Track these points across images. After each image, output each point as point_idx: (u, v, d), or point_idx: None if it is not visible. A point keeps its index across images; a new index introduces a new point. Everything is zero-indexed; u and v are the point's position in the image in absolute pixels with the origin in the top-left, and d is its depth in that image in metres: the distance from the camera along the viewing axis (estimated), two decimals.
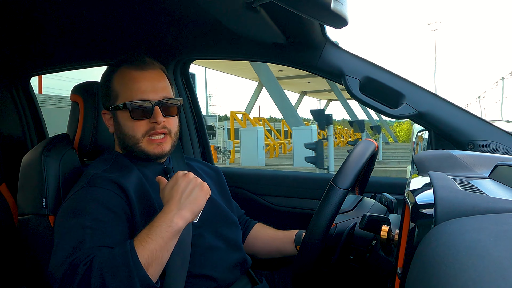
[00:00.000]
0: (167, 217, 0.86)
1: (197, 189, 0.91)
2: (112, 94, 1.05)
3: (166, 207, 0.88)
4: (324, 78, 1.38)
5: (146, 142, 1.03)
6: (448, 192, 0.49)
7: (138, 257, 0.80)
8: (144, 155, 1.04)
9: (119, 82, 1.04)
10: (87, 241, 0.84)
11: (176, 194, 0.89)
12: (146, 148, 1.03)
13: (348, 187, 0.87)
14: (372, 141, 1.00)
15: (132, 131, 1.02)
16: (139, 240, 0.83)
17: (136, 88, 1.02)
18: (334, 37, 1.38)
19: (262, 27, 1.19)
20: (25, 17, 1.34)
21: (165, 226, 0.84)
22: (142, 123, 1.02)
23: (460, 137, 1.19)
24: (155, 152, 1.04)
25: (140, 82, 1.02)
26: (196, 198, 0.90)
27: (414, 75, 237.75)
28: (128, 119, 1.02)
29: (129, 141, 1.04)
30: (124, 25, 1.46)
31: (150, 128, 1.02)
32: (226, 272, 1.07)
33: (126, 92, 1.02)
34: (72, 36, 1.54)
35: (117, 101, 1.04)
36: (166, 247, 0.84)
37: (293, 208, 1.59)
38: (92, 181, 0.96)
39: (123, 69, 1.05)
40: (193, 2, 1.18)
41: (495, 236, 0.34)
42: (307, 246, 0.88)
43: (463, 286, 0.27)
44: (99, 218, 0.89)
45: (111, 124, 1.08)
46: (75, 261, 0.81)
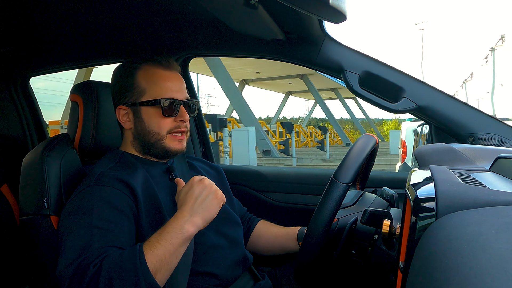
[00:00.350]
0: (179, 223, 0.86)
1: (211, 196, 0.91)
2: (137, 90, 1.05)
3: (179, 212, 0.89)
4: (324, 73, 1.37)
5: (169, 139, 1.05)
6: (449, 185, 0.49)
7: (146, 262, 0.79)
8: (165, 152, 1.06)
9: (146, 78, 1.06)
10: (96, 241, 0.84)
11: (190, 199, 0.89)
12: (169, 145, 1.05)
13: (349, 181, 0.88)
14: (373, 136, 1.00)
15: (158, 128, 1.04)
16: (149, 245, 0.83)
17: (167, 86, 1.05)
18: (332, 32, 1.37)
19: (261, 23, 1.19)
20: (24, 17, 1.33)
21: (175, 232, 0.84)
22: (169, 120, 1.05)
23: (460, 130, 1.19)
24: (176, 148, 1.06)
25: (169, 81, 1.06)
26: (210, 205, 0.90)
27: (401, 66, 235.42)
28: (157, 116, 1.04)
29: (151, 137, 1.05)
30: (123, 24, 1.46)
31: (175, 126, 1.05)
32: (228, 269, 1.07)
33: (155, 89, 1.04)
34: (71, 36, 1.54)
35: (144, 97, 1.04)
36: (175, 253, 0.84)
37: (295, 204, 1.59)
38: (99, 180, 0.96)
39: (148, 66, 1.07)
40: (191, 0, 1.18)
41: (497, 228, 0.34)
42: (309, 241, 0.88)
43: (465, 279, 0.27)
44: (107, 217, 0.89)
45: (128, 120, 1.08)
46: (84, 261, 0.81)
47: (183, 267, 0.96)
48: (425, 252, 0.39)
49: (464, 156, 0.78)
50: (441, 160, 0.78)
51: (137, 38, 1.57)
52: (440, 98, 1.21)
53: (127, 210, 0.93)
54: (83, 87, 1.20)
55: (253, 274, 1.17)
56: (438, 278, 0.31)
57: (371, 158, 1.15)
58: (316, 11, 0.89)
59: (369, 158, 1.13)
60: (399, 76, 1.24)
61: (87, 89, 1.19)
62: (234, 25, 1.27)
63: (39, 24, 1.41)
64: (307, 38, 1.30)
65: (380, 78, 1.24)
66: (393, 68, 1.25)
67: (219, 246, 1.08)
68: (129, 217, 0.93)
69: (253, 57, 1.50)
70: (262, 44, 1.39)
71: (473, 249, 0.31)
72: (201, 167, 1.27)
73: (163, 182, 1.07)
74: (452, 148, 0.81)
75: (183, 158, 1.22)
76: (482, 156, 0.78)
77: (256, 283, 1.15)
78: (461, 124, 1.19)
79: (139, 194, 0.97)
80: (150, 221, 0.96)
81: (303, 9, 0.88)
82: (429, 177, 0.58)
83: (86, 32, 1.50)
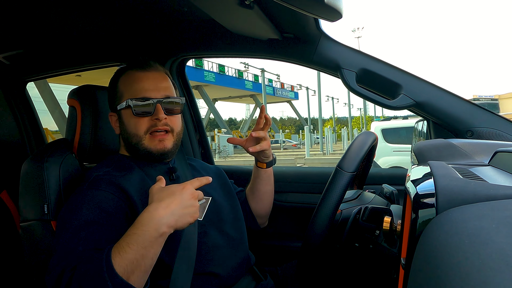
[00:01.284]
0: (154, 223, 0.80)
1: (191, 211, 0.85)
2: (118, 95, 1.08)
3: (154, 209, 0.81)
4: (321, 72, 1.37)
5: (148, 139, 1.05)
6: (448, 180, 0.49)
7: (113, 267, 0.76)
8: (147, 153, 1.05)
9: (124, 83, 1.08)
10: (80, 244, 0.84)
11: (176, 200, 0.83)
12: (149, 145, 1.05)
13: (353, 170, 0.89)
14: (372, 132, 1.00)
15: (135, 129, 1.05)
16: (118, 249, 0.78)
17: (140, 87, 1.05)
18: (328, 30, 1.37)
19: (256, 23, 1.19)
20: (20, 23, 1.33)
21: (148, 236, 0.79)
22: (144, 120, 1.04)
23: (458, 125, 1.19)
24: (157, 148, 1.05)
25: (143, 81, 1.06)
26: (186, 216, 0.84)
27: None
28: (131, 116, 1.04)
29: (132, 139, 1.06)
30: (118, 27, 1.46)
31: (151, 125, 1.04)
32: (231, 270, 1.07)
33: (129, 91, 1.05)
34: (68, 40, 1.54)
35: (121, 101, 1.06)
36: (149, 255, 0.80)
37: (295, 203, 1.59)
38: (91, 183, 0.97)
39: (129, 71, 1.09)
40: (187, 1, 1.18)
41: (497, 222, 0.34)
42: (314, 228, 0.88)
43: (467, 274, 0.27)
44: (94, 219, 0.89)
45: (116, 125, 1.10)
46: (66, 266, 0.80)
47: (186, 267, 0.96)
48: (426, 248, 0.39)
49: (463, 151, 0.78)
50: (440, 156, 0.78)
51: (133, 41, 1.57)
52: (438, 94, 1.21)
53: (117, 213, 0.93)
54: (80, 91, 1.20)
55: (256, 274, 1.17)
56: (440, 274, 0.31)
57: (370, 156, 1.15)
58: (312, 10, 0.89)
59: (368, 156, 1.13)
60: (396, 73, 1.24)
61: (84, 93, 1.19)
62: (230, 26, 1.27)
63: (35, 29, 1.41)
64: (303, 37, 1.30)
65: (377, 75, 1.24)
66: (390, 65, 1.25)
67: (222, 246, 1.08)
68: (119, 219, 0.92)
69: (250, 57, 1.50)
70: (259, 44, 1.39)
71: (474, 243, 0.31)
72: (202, 167, 1.28)
73: None
74: (450, 143, 0.82)
75: (184, 159, 1.22)
76: (480, 151, 0.78)
77: (258, 283, 1.15)
78: (459, 119, 1.19)
79: (134, 196, 0.97)
80: None
81: (299, 8, 0.88)
82: (428, 173, 0.58)
83: (82, 36, 1.50)
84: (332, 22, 0.97)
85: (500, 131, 1.16)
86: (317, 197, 0.93)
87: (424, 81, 1.23)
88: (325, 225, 0.88)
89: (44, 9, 1.24)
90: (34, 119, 1.83)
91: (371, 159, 1.18)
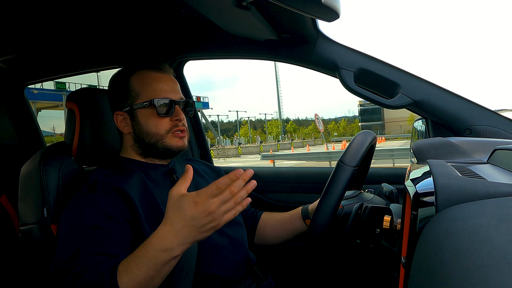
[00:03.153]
0: (166, 245, 0.74)
1: (212, 227, 0.75)
2: (131, 94, 1.07)
3: (169, 231, 0.74)
4: (319, 72, 1.37)
5: (169, 138, 1.06)
6: (448, 179, 0.49)
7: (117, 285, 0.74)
8: (167, 150, 1.07)
9: (139, 82, 1.07)
10: (82, 249, 0.84)
11: (192, 223, 0.73)
12: (170, 143, 1.06)
13: (355, 165, 0.89)
14: (371, 132, 1.00)
15: (156, 128, 1.05)
16: (125, 268, 0.75)
17: (160, 87, 1.06)
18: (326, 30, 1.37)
19: (254, 24, 1.19)
20: (18, 27, 1.33)
21: (160, 258, 0.74)
22: (166, 120, 1.06)
23: (457, 123, 1.19)
24: (178, 145, 1.07)
25: (162, 82, 1.08)
26: (206, 233, 0.75)
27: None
28: (153, 116, 1.05)
29: (151, 138, 1.06)
30: (117, 30, 1.46)
31: (173, 125, 1.06)
32: (232, 271, 1.07)
33: (148, 91, 1.06)
34: (65, 43, 1.54)
35: (138, 100, 1.06)
36: (159, 276, 0.76)
37: (295, 204, 1.59)
38: (92, 187, 0.97)
39: (141, 71, 1.09)
40: (184, 3, 1.18)
41: (497, 220, 0.34)
42: (317, 222, 0.89)
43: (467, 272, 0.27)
44: (97, 225, 0.89)
45: (126, 125, 1.09)
46: (68, 271, 0.80)
47: (187, 270, 0.96)
48: (426, 246, 0.39)
49: (462, 149, 0.78)
50: (438, 154, 0.78)
51: (131, 44, 1.57)
52: (436, 92, 1.22)
53: (119, 217, 0.93)
54: (78, 94, 1.20)
55: (256, 275, 1.17)
56: (440, 272, 0.31)
57: (369, 156, 1.15)
58: (309, 10, 0.89)
59: (367, 156, 1.13)
60: (394, 72, 1.24)
61: (82, 96, 1.19)
62: (227, 27, 1.27)
63: (32, 33, 1.41)
64: (301, 37, 1.30)
65: (375, 74, 1.24)
66: (388, 64, 1.25)
67: (222, 247, 1.08)
68: (121, 224, 0.92)
69: (248, 58, 1.50)
70: (256, 45, 1.39)
71: (474, 241, 0.31)
72: (202, 169, 1.27)
73: (164, 185, 1.07)
74: (449, 141, 0.82)
75: (183, 160, 1.22)
76: (479, 149, 0.78)
77: (259, 284, 1.15)
78: (457, 118, 1.19)
79: (135, 199, 0.97)
80: (151, 223, 0.96)
81: (296, 8, 0.88)
82: (427, 171, 0.58)
83: (80, 39, 1.50)
84: (329, 22, 0.98)
85: (498, 128, 1.16)
86: (316, 196, 0.93)
87: (422, 79, 1.23)
88: (328, 218, 0.88)
89: (41, 12, 1.24)
90: (33, 122, 1.83)
91: (370, 160, 1.18)
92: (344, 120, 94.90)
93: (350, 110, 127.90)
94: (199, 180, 1.19)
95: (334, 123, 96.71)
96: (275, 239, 1.27)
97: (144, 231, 0.94)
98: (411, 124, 17.14)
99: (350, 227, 0.96)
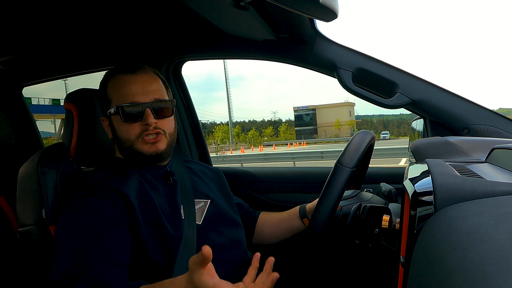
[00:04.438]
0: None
1: None
2: (106, 100, 1.06)
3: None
4: (318, 72, 1.38)
5: (140, 143, 1.03)
6: (446, 178, 0.49)
7: None
8: (141, 156, 1.04)
9: (112, 88, 1.06)
10: (86, 256, 0.84)
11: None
12: (142, 149, 1.03)
13: (353, 166, 0.89)
14: (370, 132, 1.00)
15: (126, 134, 1.03)
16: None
17: (127, 92, 1.03)
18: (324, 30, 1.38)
19: (252, 25, 1.19)
20: (15, 28, 1.33)
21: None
22: (135, 125, 1.02)
23: (455, 123, 1.20)
24: (150, 151, 1.03)
25: (130, 85, 1.03)
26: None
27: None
28: (121, 123, 1.03)
29: (124, 144, 1.05)
30: (114, 31, 1.45)
31: (142, 130, 1.02)
32: (231, 271, 1.07)
33: (117, 96, 1.04)
34: (63, 44, 1.53)
35: (111, 106, 1.05)
36: None
37: (294, 204, 1.59)
38: (91, 190, 0.96)
39: (116, 76, 1.07)
40: (182, 3, 1.18)
41: (495, 219, 0.34)
42: (315, 224, 0.89)
43: (466, 271, 0.28)
44: (98, 229, 0.89)
45: (109, 130, 1.09)
46: (74, 279, 0.80)
47: (187, 270, 0.96)
48: (425, 245, 0.39)
49: (460, 149, 0.79)
50: (437, 154, 0.79)
51: (128, 45, 1.57)
52: (434, 92, 1.22)
53: (119, 220, 0.92)
54: (76, 95, 1.20)
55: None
56: (439, 271, 0.31)
57: (367, 156, 1.15)
58: (307, 10, 0.89)
59: (366, 156, 1.13)
60: (392, 72, 1.24)
61: (80, 97, 1.19)
62: (226, 27, 1.27)
63: (30, 35, 1.40)
64: (299, 37, 1.30)
65: (373, 74, 1.25)
66: (386, 63, 1.25)
67: (221, 247, 1.07)
68: (122, 227, 0.92)
69: (246, 58, 1.50)
70: (254, 45, 1.39)
71: (473, 240, 0.31)
72: (200, 170, 1.27)
73: (161, 187, 1.07)
74: (447, 141, 0.82)
75: (181, 162, 1.22)
76: (477, 148, 0.78)
77: None
78: (455, 117, 1.19)
79: (134, 201, 0.96)
80: (149, 226, 0.96)
81: (294, 8, 0.88)
82: (426, 170, 0.58)
83: (78, 39, 1.50)
84: (327, 22, 0.98)
85: (496, 128, 1.16)
86: (316, 196, 0.93)
87: (420, 79, 1.23)
88: (325, 220, 0.88)
89: (39, 13, 1.24)
90: (31, 123, 1.82)
91: (368, 160, 1.18)
92: (285, 124, 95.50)
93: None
94: (197, 181, 1.19)
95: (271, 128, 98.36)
96: (273, 238, 1.27)
97: (141, 235, 0.94)
98: (337, 128, 18.52)
99: (348, 228, 0.96)
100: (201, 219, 1.09)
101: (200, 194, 1.15)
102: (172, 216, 1.02)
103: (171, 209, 1.03)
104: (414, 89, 1.22)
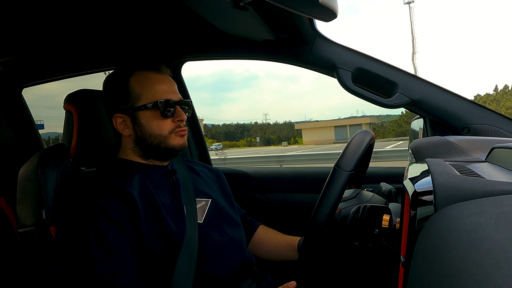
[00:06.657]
0: None
1: None
2: (132, 96, 1.06)
3: None
4: (317, 72, 1.38)
5: (172, 138, 1.07)
6: (446, 177, 0.49)
7: None
8: (170, 150, 1.08)
9: (140, 84, 1.06)
10: (92, 255, 0.86)
11: None
12: (173, 143, 1.07)
13: (351, 169, 0.89)
14: (369, 131, 1.00)
15: (159, 130, 1.06)
16: None
17: (161, 89, 1.06)
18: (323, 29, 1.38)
19: (251, 25, 1.19)
20: (15, 29, 1.33)
21: None
22: (168, 121, 1.06)
23: (454, 122, 1.20)
24: (180, 144, 1.08)
25: (163, 83, 1.08)
26: None
27: (391, 58, 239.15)
28: (156, 118, 1.05)
29: (154, 139, 1.06)
30: (114, 31, 1.45)
31: (176, 126, 1.07)
32: (232, 271, 1.07)
33: (150, 92, 1.05)
34: (63, 45, 1.53)
35: (140, 102, 1.05)
36: None
37: (293, 203, 1.59)
38: (95, 190, 0.96)
39: (140, 72, 1.08)
40: (181, 4, 1.18)
41: (496, 218, 0.34)
42: (313, 228, 0.89)
43: (466, 270, 0.28)
44: (103, 229, 0.89)
45: (126, 127, 1.08)
46: (84, 275, 0.83)
47: (187, 270, 0.96)
48: (425, 245, 0.39)
49: (460, 148, 0.79)
50: (437, 153, 0.79)
51: (129, 45, 1.57)
52: (433, 91, 1.22)
53: (124, 220, 0.93)
54: (76, 96, 1.20)
55: (256, 275, 1.17)
56: (439, 271, 0.31)
57: (367, 155, 1.15)
58: (306, 10, 0.89)
59: (366, 155, 1.14)
60: (392, 71, 1.24)
61: (80, 98, 1.19)
62: (225, 28, 1.27)
63: (29, 35, 1.40)
64: (298, 37, 1.30)
65: (373, 74, 1.25)
66: (385, 63, 1.25)
67: (222, 246, 1.08)
68: (125, 227, 0.92)
69: (245, 58, 1.50)
70: (254, 46, 1.39)
71: (473, 240, 0.31)
72: (201, 170, 1.27)
73: (163, 186, 1.07)
74: (447, 140, 0.82)
75: (182, 161, 1.22)
76: (477, 147, 0.78)
77: (259, 284, 1.15)
78: (455, 116, 1.20)
79: (137, 200, 0.96)
80: (150, 225, 0.96)
81: (294, 8, 0.88)
82: (426, 170, 0.58)
83: (78, 41, 1.50)
84: (327, 22, 0.98)
85: (496, 127, 1.16)
86: (315, 196, 0.93)
87: (420, 79, 1.24)
88: (323, 226, 0.88)
89: (39, 14, 1.24)
90: (31, 124, 1.82)
91: (369, 158, 1.18)
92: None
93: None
94: (198, 180, 1.20)
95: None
96: (265, 257, 1.30)
97: (144, 232, 0.94)
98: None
99: (347, 230, 0.96)
100: (202, 218, 1.10)
101: (201, 193, 1.15)
102: (175, 213, 1.02)
103: (174, 207, 1.03)
104: (414, 89, 1.22)
